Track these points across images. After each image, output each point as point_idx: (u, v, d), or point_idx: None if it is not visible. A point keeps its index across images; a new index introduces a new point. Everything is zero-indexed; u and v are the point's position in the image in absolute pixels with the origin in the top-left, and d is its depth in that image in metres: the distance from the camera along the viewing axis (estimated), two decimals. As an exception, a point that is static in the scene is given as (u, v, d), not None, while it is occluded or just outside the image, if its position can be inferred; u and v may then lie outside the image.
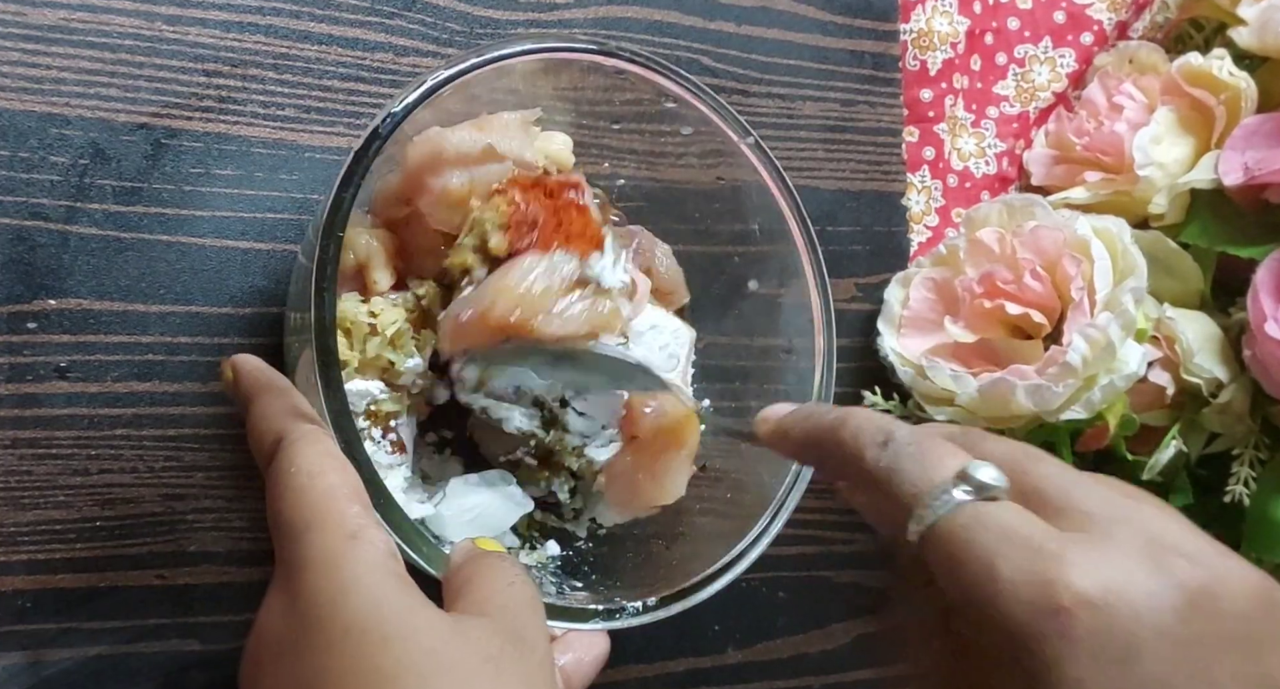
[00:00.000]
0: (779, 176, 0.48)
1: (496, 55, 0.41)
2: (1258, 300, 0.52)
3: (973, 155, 0.66)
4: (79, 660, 0.44)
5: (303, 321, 0.37)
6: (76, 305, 0.45)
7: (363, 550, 0.31)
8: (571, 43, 0.43)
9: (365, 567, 0.31)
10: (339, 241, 0.37)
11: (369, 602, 0.30)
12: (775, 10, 0.60)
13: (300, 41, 0.49)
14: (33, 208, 0.45)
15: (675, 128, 0.49)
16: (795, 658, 0.59)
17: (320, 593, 0.30)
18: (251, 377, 0.40)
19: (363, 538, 0.32)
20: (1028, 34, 0.67)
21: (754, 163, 0.47)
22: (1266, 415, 0.55)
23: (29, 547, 0.44)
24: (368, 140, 0.38)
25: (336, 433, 0.36)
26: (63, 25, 0.45)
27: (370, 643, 0.29)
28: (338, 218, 0.37)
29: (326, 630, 0.29)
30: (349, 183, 0.38)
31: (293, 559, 0.32)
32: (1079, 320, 0.52)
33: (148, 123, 0.46)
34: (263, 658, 0.31)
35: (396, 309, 0.45)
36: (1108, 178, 0.60)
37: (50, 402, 0.45)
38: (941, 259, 0.59)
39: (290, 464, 0.34)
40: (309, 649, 0.29)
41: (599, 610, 0.40)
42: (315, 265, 0.37)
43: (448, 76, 0.40)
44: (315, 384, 0.36)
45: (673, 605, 0.42)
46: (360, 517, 0.33)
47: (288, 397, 0.38)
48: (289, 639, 0.30)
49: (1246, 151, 0.55)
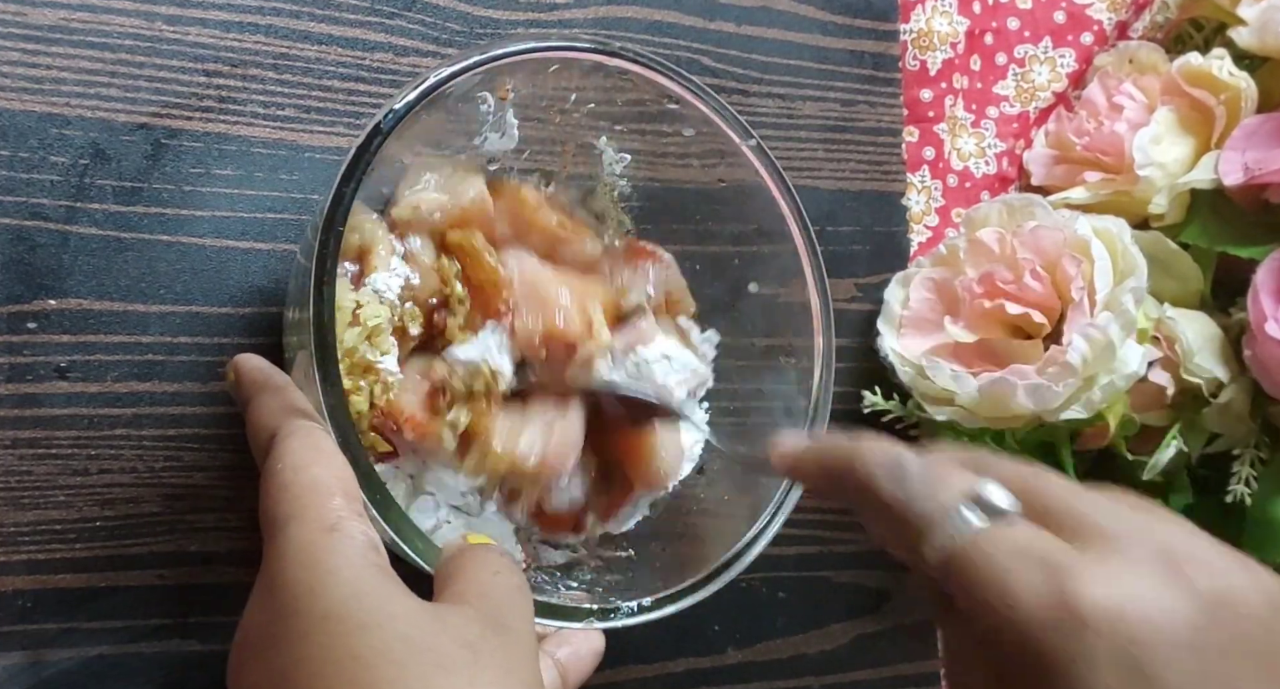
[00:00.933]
0: (780, 178, 0.48)
1: (498, 53, 0.41)
2: (1258, 300, 0.52)
3: (973, 155, 0.66)
4: (79, 660, 0.44)
5: (301, 318, 0.37)
6: (76, 305, 0.45)
7: (341, 542, 0.31)
8: (574, 42, 0.43)
9: (344, 558, 0.31)
10: (339, 236, 0.37)
11: (346, 591, 0.30)
12: (775, 10, 0.60)
13: (300, 41, 0.49)
14: (33, 208, 0.44)
15: (677, 129, 0.48)
16: (795, 658, 0.59)
17: (299, 584, 0.30)
18: (251, 376, 0.40)
19: (342, 530, 0.32)
20: (1028, 34, 0.67)
21: (755, 165, 0.47)
22: (1267, 415, 0.56)
23: (29, 547, 0.44)
24: (369, 136, 0.38)
25: (333, 427, 0.36)
26: (63, 25, 0.45)
27: (347, 631, 0.29)
28: (339, 212, 0.37)
29: (304, 619, 0.30)
30: (350, 178, 0.38)
31: (273, 552, 0.32)
32: (1079, 320, 0.52)
33: (148, 123, 0.46)
34: (245, 650, 0.31)
35: (382, 306, 0.44)
36: (1108, 178, 0.60)
37: (50, 402, 0.45)
38: (941, 259, 0.59)
39: (278, 460, 0.34)
40: (286, 639, 0.30)
41: (594, 610, 0.40)
42: (315, 260, 0.37)
43: (450, 74, 0.40)
44: (314, 378, 0.36)
45: (668, 607, 0.42)
46: (341, 509, 0.33)
47: (285, 394, 0.38)
48: (269, 631, 0.30)
49: (1246, 151, 0.55)
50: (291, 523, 0.32)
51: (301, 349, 0.38)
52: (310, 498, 0.33)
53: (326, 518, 0.32)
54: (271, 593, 0.31)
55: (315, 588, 0.30)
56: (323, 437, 0.36)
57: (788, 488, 0.45)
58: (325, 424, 0.37)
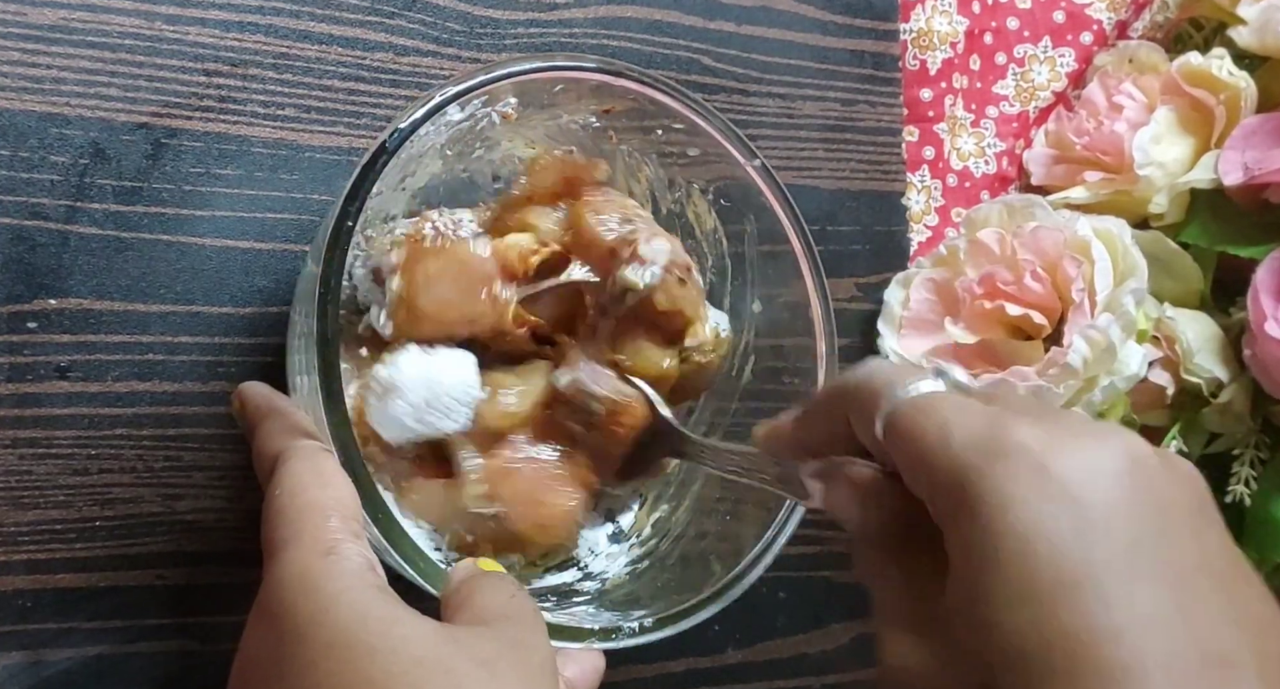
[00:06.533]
0: (785, 199, 0.48)
1: (503, 73, 0.41)
2: (1258, 300, 0.52)
3: (972, 155, 0.66)
4: (79, 660, 0.44)
5: (306, 326, 0.37)
6: (77, 305, 0.45)
7: (337, 566, 0.31)
8: (580, 62, 0.43)
9: (342, 583, 0.31)
10: (342, 257, 0.37)
11: (351, 615, 0.30)
12: (775, 10, 0.60)
13: (300, 41, 0.49)
14: (33, 207, 0.44)
15: (681, 149, 0.48)
16: (795, 658, 0.59)
17: (299, 612, 0.30)
18: (255, 402, 0.40)
19: (338, 553, 0.32)
20: (1027, 34, 0.67)
21: (759, 185, 0.47)
22: (1267, 415, 0.56)
23: (29, 546, 0.44)
24: (374, 155, 0.38)
25: (335, 444, 0.36)
26: (63, 25, 0.45)
27: (356, 657, 0.29)
28: (340, 235, 0.37)
29: (309, 647, 0.29)
30: (354, 198, 0.38)
31: (271, 578, 0.32)
32: (1079, 321, 0.52)
33: (148, 122, 0.46)
34: (250, 681, 0.31)
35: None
36: (1108, 177, 0.60)
37: (50, 401, 0.44)
38: (942, 260, 0.59)
39: (277, 485, 0.34)
40: (293, 669, 0.29)
41: (595, 630, 0.40)
42: (319, 282, 0.36)
43: (455, 93, 0.40)
44: (316, 390, 0.36)
45: (668, 627, 0.42)
46: (337, 531, 0.32)
47: (287, 417, 0.38)
48: (273, 660, 0.30)
49: (1246, 151, 0.55)
50: (288, 547, 0.32)
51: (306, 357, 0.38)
52: (305, 522, 0.33)
53: (322, 542, 0.32)
54: (272, 621, 0.31)
55: (317, 616, 0.30)
56: (325, 457, 0.36)
57: (790, 508, 0.45)
58: (328, 442, 0.36)
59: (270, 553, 0.32)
